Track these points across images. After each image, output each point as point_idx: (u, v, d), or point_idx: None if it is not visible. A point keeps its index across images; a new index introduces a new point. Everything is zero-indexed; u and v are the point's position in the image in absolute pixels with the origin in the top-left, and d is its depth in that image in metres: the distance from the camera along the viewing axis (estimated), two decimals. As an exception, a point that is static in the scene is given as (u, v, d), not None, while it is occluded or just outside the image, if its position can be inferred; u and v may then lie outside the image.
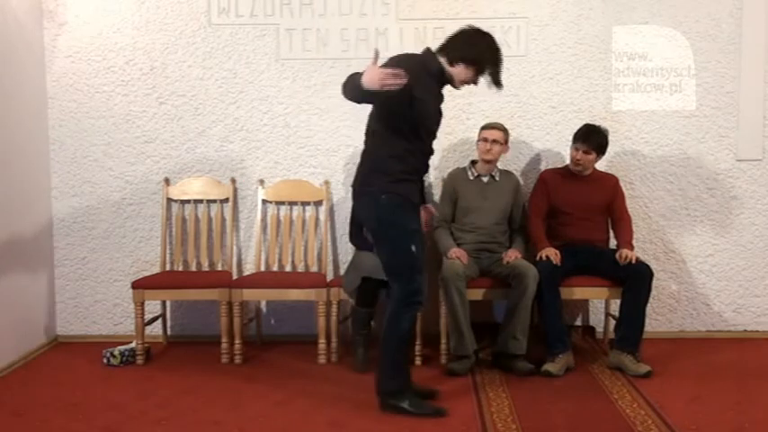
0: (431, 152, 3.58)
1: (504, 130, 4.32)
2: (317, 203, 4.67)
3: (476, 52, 3.41)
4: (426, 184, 4.63)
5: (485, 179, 4.39)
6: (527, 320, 4.08)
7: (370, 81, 3.07)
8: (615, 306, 4.33)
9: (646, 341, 4.18)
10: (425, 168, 3.63)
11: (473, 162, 4.43)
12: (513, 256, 4.20)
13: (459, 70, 3.43)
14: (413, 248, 3.39)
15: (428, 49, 3.50)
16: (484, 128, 4.33)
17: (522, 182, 4.58)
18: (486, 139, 4.28)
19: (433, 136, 3.55)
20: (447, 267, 4.09)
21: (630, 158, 4.70)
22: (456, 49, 3.43)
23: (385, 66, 3.24)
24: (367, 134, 3.50)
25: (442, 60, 3.44)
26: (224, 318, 4.31)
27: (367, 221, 3.58)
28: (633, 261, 4.14)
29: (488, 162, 4.33)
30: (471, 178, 4.39)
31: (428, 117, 3.44)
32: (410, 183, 3.46)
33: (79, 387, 3.96)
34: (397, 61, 3.33)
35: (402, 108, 3.30)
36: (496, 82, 3.47)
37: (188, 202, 4.71)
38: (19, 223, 4.36)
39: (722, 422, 3.40)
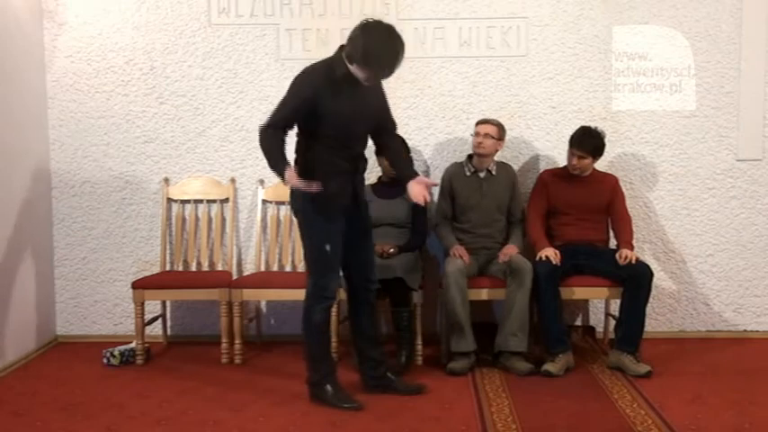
0: (360, 154, 3.60)
1: (499, 126, 4.32)
2: (317, 203, 4.67)
3: (363, 52, 3.28)
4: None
5: (482, 174, 4.37)
6: (526, 317, 4.08)
7: (289, 180, 3.31)
8: (615, 306, 4.33)
9: (646, 341, 4.18)
10: (358, 168, 3.62)
11: (470, 157, 4.42)
12: (509, 252, 4.20)
13: (355, 69, 3.35)
14: (327, 248, 3.52)
15: (339, 50, 3.44)
16: (477, 123, 4.34)
17: (517, 173, 4.56)
18: (478, 134, 4.29)
19: (360, 138, 3.57)
20: (449, 265, 4.10)
21: (630, 158, 4.70)
22: (349, 48, 3.34)
23: (291, 86, 3.43)
24: (297, 137, 3.54)
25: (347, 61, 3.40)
26: (224, 318, 4.32)
27: (297, 218, 3.66)
28: (633, 261, 4.13)
29: (482, 156, 4.33)
30: (468, 174, 4.38)
31: (345, 125, 3.43)
32: (338, 183, 3.46)
33: (79, 387, 3.96)
34: (300, 80, 3.42)
35: (313, 125, 3.41)
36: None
37: (188, 202, 4.71)
38: (19, 223, 4.36)
39: (722, 422, 3.40)
